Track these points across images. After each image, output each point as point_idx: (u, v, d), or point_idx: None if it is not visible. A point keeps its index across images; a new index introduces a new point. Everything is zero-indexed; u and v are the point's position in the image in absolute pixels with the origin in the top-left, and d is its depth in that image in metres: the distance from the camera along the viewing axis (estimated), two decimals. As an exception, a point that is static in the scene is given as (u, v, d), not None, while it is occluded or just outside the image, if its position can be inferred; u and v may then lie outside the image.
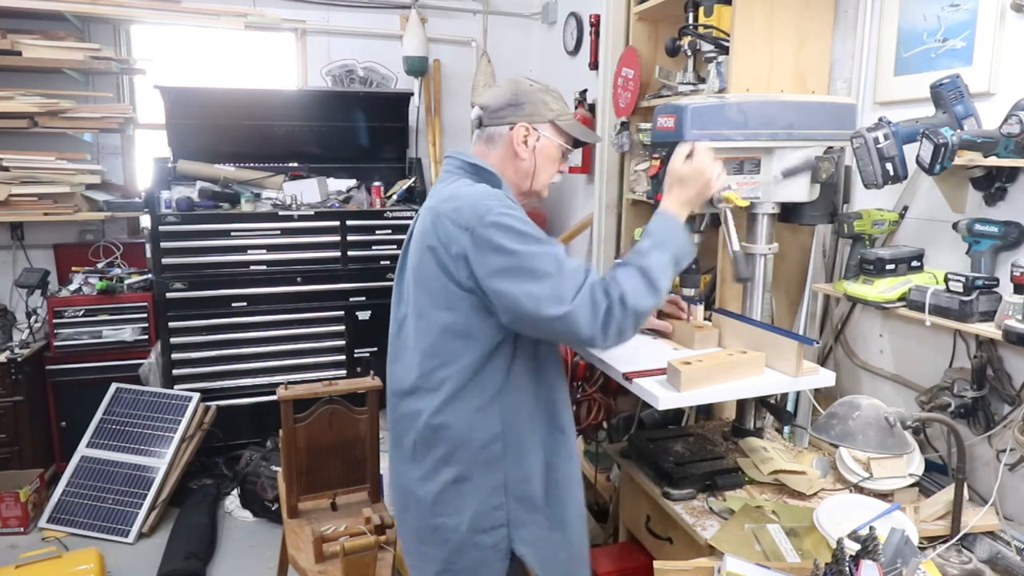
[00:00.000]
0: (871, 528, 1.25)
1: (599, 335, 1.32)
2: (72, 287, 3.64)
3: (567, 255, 1.39)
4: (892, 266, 1.79)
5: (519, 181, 1.55)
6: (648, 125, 2.61)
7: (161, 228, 3.49)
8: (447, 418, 1.45)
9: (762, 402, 1.99)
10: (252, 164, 3.92)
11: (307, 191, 3.80)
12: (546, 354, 1.52)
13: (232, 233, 3.59)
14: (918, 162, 1.59)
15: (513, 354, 1.44)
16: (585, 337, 1.33)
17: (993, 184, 1.71)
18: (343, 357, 3.87)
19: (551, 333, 1.37)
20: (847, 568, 1.21)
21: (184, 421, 3.42)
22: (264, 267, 3.66)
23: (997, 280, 1.63)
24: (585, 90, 3.67)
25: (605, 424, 2.39)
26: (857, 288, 1.84)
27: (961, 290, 1.61)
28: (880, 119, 1.69)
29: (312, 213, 3.70)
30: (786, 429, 2.14)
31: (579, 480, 1.59)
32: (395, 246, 3.84)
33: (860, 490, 1.77)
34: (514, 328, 1.40)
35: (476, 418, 1.44)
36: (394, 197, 4.03)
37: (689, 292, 1.85)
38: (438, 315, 1.43)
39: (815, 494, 1.76)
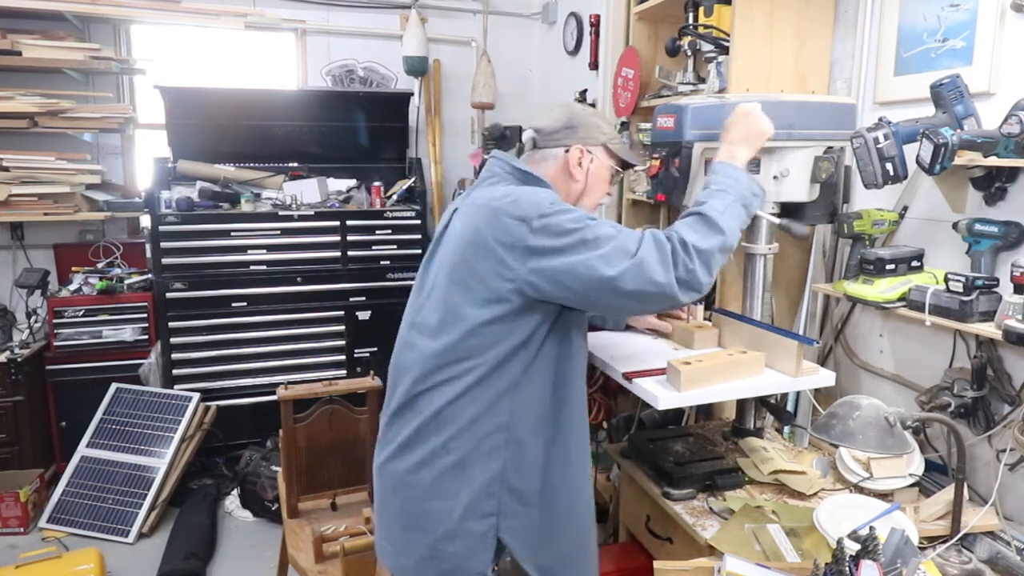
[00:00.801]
0: (871, 528, 1.25)
1: (672, 279, 1.32)
2: (72, 287, 3.64)
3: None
4: (892, 266, 1.79)
5: (569, 201, 1.56)
6: (648, 125, 2.61)
7: (161, 228, 3.49)
8: (459, 408, 1.45)
9: (762, 402, 1.99)
10: (252, 164, 3.92)
11: (307, 191, 3.81)
12: (571, 355, 1.52)
13: (232, 233, 3.59)
14: (918, 162, 1.59)
15: (537, 350, 1.46)
16: (661, 282, 1.32)
17: (993, 184, 1.71)
18: (343, 357, 3.86)
19: (627, 292, 1.34)
20: (847, 568, 1.21)
21: (184, 421, 3.42)
22: (264, 267, 3.66)
23: (997, 280, 1.63)
24: (585, 90, 3.67)
25: (605, 424, 2.39)
26: (857, 288, 1.84)
27: (961, 290, 1.61)
28: (880, 119, 1.69)
29: (312, 213, 3.70)
30: (786, 429, 2.14)
31: (584, 482, 1.59)
32: (395, 246, 3.84)
33: (860, 490, 1.77)
34: (589, 305, 1.43)
35: (486, 407, 1.45)
36: (394, 197, 4.03)
37: None
38: (474, 310, 1.43)
39: (815, 494, 1.76)
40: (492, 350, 1.43)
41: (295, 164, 4.02)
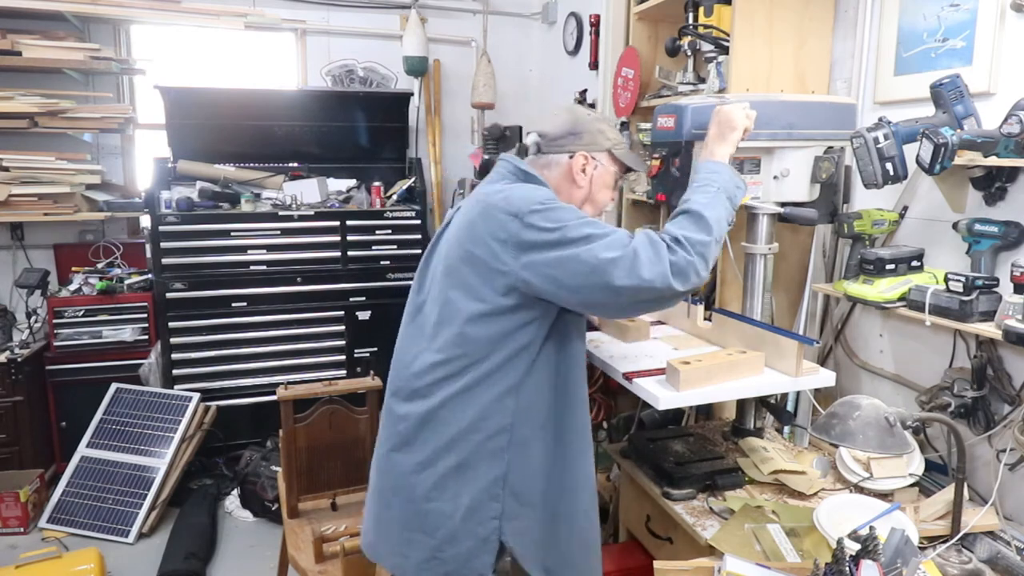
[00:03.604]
0: (871, 528, 1.25)
1: (667, 270, 1.32)
2: (72, 287, 3.64)
3: None
4: (892, 266, 1.79)
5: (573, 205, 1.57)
6: (648, 125, 2.61)
7: (161, 228, 3.49)
8: (460, 406, 1.45)
9: (762, 402, 1.99)
10: (252, 164, 3.92)
11: (307, 191, 3.80)
12: (571, 357, 1.53)
13: (232, 233, 3.59)
14: (918, 162, 1.59)
15: (538, 352, 1.46)
16: (655, 274, 1.31)
17: (993, 184, 1.71)
18: (343, 357, 3.86)
19: (621, 288, 1.32)
20: (847, 568, 1.21)
21: (184, 421, 3.42)
22: (264, 267, 3.65)
23: (997, 280, 1.63)
24: (585, 90, 3.67)
25: (605, 424, 2.39)
26: (857, 288, 1.84)
27: (961, 290, 1.61)
28: (880, 119, 1.69)
29: (312, 213, 3.70)
30: (786, 429, 2.14)
31: (587, 484, 1.58)
32: (395, 246, 3.85)
33: (860, 490, 1.77)
34: (578, 299, 1.39)
35: (490, 407, 1.45)
36: (394, 197, 4.03)
37: None
38: (470, 306, 1.43)
39: (815, 494, 1.76)
40: (490, 351, 1.43)
41: (295, 164, 4.02)
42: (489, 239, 1.41)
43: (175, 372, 3.60)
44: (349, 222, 3.76)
